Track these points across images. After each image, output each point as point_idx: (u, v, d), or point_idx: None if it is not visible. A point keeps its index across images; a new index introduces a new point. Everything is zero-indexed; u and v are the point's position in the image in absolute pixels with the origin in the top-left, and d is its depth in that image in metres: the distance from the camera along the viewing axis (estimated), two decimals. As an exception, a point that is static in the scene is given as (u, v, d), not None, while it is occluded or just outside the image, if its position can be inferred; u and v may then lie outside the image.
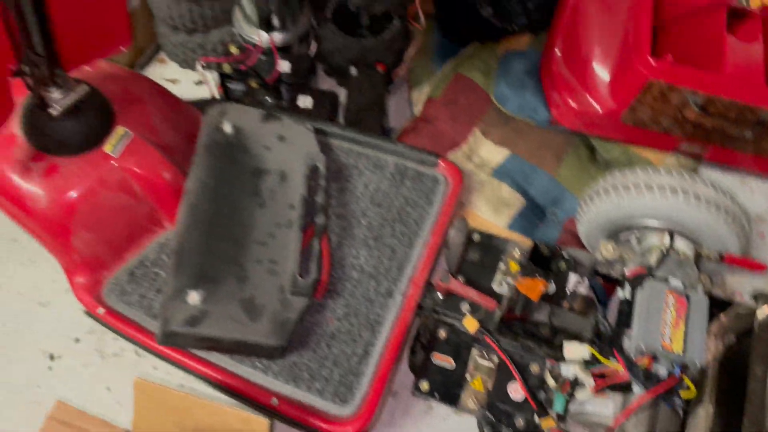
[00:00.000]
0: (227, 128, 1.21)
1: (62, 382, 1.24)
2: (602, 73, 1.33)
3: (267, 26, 1.43)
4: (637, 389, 0.95)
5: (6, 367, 1.24)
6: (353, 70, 1.51)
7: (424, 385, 1.06)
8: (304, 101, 1.46)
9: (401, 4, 1.49)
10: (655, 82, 1.22)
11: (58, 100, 1.01)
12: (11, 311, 1.30)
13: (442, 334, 1.10)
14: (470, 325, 1.07)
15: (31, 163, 1.07)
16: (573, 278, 1.09)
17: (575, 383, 1.00)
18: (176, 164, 1.18)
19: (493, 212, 1.34)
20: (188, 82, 1.63)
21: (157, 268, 1.18)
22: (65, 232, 1.10)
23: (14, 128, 1.07)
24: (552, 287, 1.07)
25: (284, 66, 1.50)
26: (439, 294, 1.13)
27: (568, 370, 0.99)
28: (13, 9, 0.83)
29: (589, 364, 0.98)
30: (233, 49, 1.51)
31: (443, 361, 1.08)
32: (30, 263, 1.36)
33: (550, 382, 1.01)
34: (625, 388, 0.98)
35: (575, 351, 0.98)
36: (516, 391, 1.04)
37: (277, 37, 1.50)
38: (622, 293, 1.04)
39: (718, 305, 1.02)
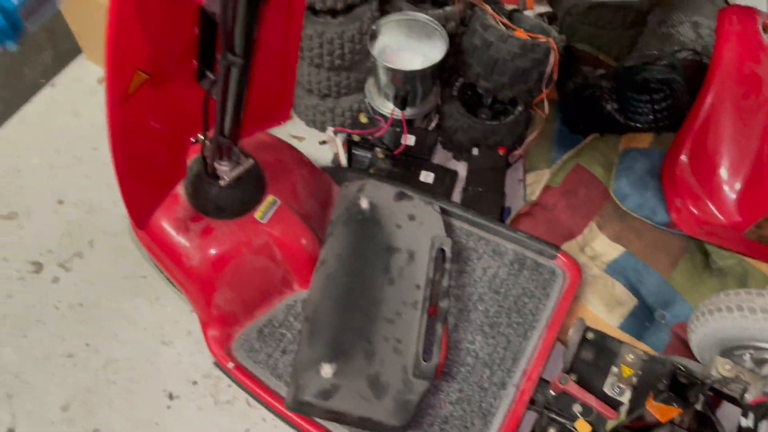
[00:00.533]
0: (364, 204, 1.28)
1: (178, 423, 1.31)
2: (730, 185, 1.34)
3: (401, 104, 1.50)
4: None
5: (130, 399, 1.32)
6: (475, 151, 1.57)
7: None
8: (426, 176, 1.53)
9: (528, 92, 1.54)
10: (786, 205, 1.23)
11: (227, 172, 1.10)
12: (138, 346, 1.39)
13: (552, 432, 1.12)
14: (583, 429, 1.09)
15: (190, 222, 1.16)
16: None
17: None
18: (313, 231, 1.26)
19: (605, 310, 1.36)
20: (313, 141, 1.73)
21: (284, 329, 1.25)
22: (210, 288, 1.18)
23: (179, 189, 1.16)
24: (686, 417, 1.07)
25: (410, 139, 1.58)
26: (551, 391, 1.15)
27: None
28: (219, 99, 0.92)
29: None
30: (363, 118, 1.60)
31: (554, 460, 1.10)
32: (156, 301, 1.45)
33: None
34: None
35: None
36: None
37: (407, 112, 1.57)
38: (745, 421, 1.04)
39: None
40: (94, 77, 1.80)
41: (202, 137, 1.05)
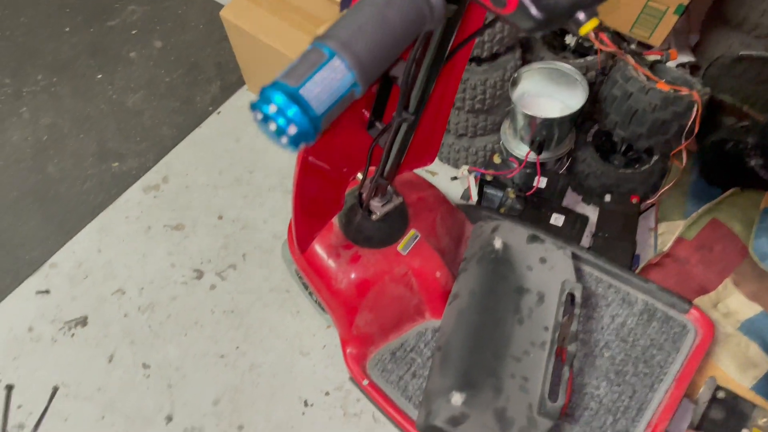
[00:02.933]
0: (497, 244, 1.35)
1: (311, 429, 1.44)
2: None
3: (537, 149, 1.57)
4: None
5: (271, 402, 1.47)
6: (608, 197, 1.59)
7: None
8: (557, 219, 1.57)
9: (666, 143, 1.55)
10: None
11: (379, 208, 1.22)
12: (279, 354, 1.54)
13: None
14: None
15: (341, 249, 1.28)
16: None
17: None
18: (447, 265, 1.34)
19: (738, 370, 1.33)
20: (446, 176, 1.82)
21: (415, 354, 1.34)
22: (353, 310, 1.30)
23: (334, 219, 1.30)
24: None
25: (542, 182, 1.63)
26: (677, 446, 1.16)
27: None
28: (386, 147, 1.03)
29: None
30: (497, 159, 1.67)
31: None
32: (297, 315, 1.60)
33: None
34: None
35: None
36: None
37: (542, 155, 1.63)
38: None
39: None
40: (254, 107, 2.01)
41: (361, 176, 1.18)
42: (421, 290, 1.33)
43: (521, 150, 1.64)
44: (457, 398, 1.15)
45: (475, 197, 1.69)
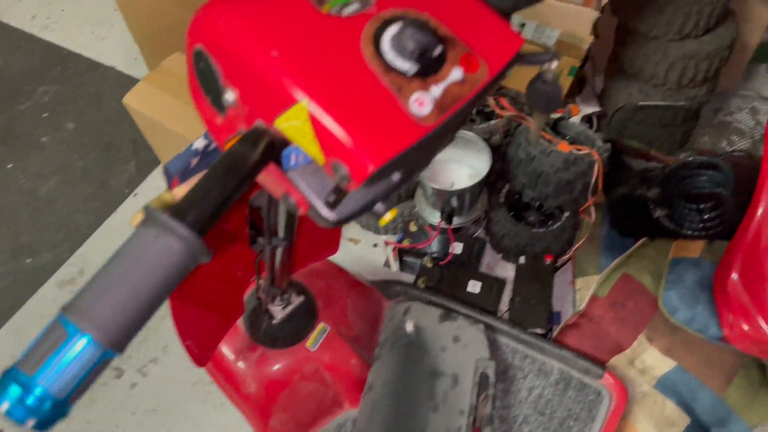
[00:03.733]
0: (409, 327, 1.34)
1: None
2: (784, 306, 1.31)
3: (447, 218, 1.57)
4: None
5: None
6: (522, 259, 1.61)
7: None
8: (474, 286, 1.58)
9: (574, 201, 1.57)
10: None
11: (279, 311, 1.20)
12: (205, 452, 1.50)
13: None
14: None
15: (248, 353, 1.26)
16: None
17: None
18: (361, 352, 1.33)
19: (655, 430, 1.35)
20: (368, 243, 1.82)
21: (335, 448, 1.32)
22: (266, 413, 1.27)
23: (240, 321, 1.27)
24: None
25: (458, 248, 1.63)
26: None
27: None
28: (267, 263, 1.02)
29: None
30: (413, 227, 1.67)
31: None
32: (221, 407, 1.56)
33: None
34: None
35: None
36: None
37: (454, 221, 1.64)
38: None
39: None
40: (171, 186, 1.98)
41: (260, 283, 1.16)
42: (336, 383, 1.31)
43: (435, 217, 1.64)
44: (371, 500, 1.13)
45: (394, 266, 1.68)
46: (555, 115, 1.66)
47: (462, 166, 1.64)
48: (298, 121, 0.45)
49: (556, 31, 1.42)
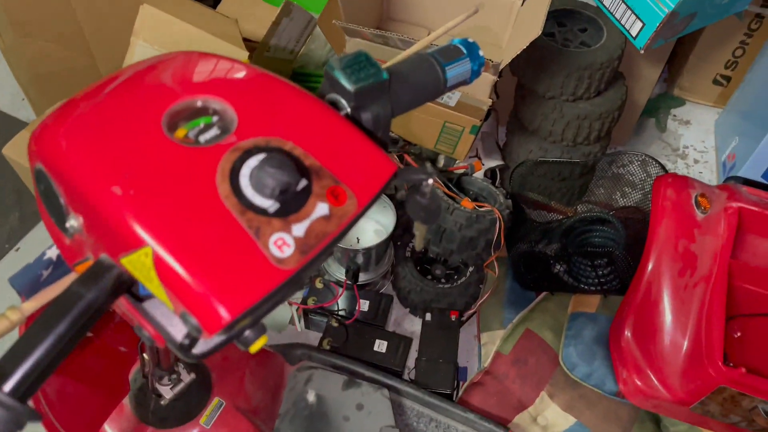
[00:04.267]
0: (311, 398, 1.29)
1: None
2: (672, 363, 1.36)
3: (353, 277, 1.54)
4: None
5: None
6: (428, 316, 1.60)
7: None
8: (380, 345, 1.55)
9: (477, 256, 1.58)
10: (726, 388, 1.25)
11: (168, 391, 1.12)
12: None
13: None
14: None
15: (135, 434, 1.16)
16: None
17: None
18: (261, 424, 1.26)
19: (557, 490, 1.36)
20: (272, 300, 1.75)
21: None
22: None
23: (126, 400, 1.18)
24: None
25: (364, 305, 1.61)
26: None
27: None
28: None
29: None
30: (318, 284, 1.63)
31: None
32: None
33: None
34: None
35: None
36: None
37: (361, 277, 1.61)
38: None
39: None
40: (59, 239, 1.84)
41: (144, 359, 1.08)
42: (233, 460, 1.24)
43: (341, 274, 1.61)
44: None
45: (299, 326, 1.63)
46: (459, 171, 1.69)
47: (368, 222, 1.63)
48: (143, 266, 0.40)
49: (456, 93, 1.44)
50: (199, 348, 0.48)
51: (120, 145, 0.43)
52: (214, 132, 0.45)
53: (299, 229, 0.43)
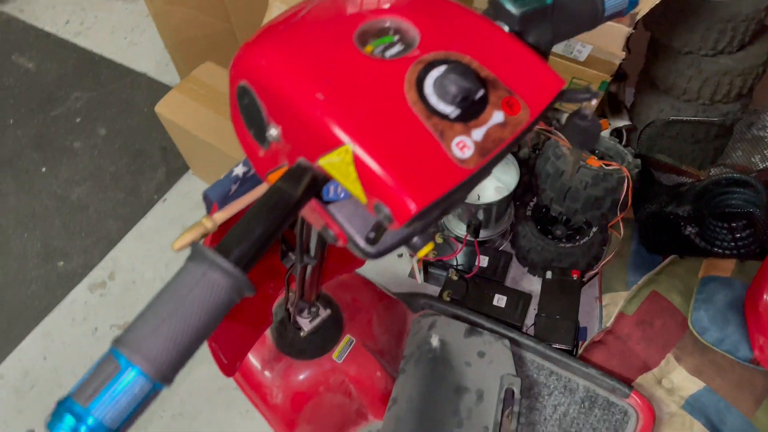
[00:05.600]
0: (434, 342, 1.35)
1: None
2: (818, 330, 1.28)
3: (474, 232, 1.57)
4: None
5: None
6: (548, 274, 1.60)
7: None
8: (499, 300, 1.57)
9: (602, 217, 1.55)
10: None
11: (306, 324, 1.21)
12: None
13: None
14: None
15: (275, 363, 1.27)
16: None
17: None
18: (386, 365, 1.34)
19: (682, 453, 1.33)
20: (393, 254, 1.82)
21: (359, 460, 1.33)
22: (292, 424, 1.28)
23: (267, 332, 1.29)
24: None
25: (483, 261, 1.63)
26: None
27: None
28: (298, 278, 1.03)
29: None
30: (438, 238, 1.67)
31: None
32: (246, 414, 1.58)
33: None
34: None
35: None
36: None
37: (481, 234, 1.63)
38: None
39: None
40: (200, 193, 2.00)
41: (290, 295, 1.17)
42: (360, 395, 1.32)
43: (461, 229, 1.64)
44: None
45: (419, 278, 1.69)
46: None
47: (490, 179, 1.64)
48: (342, 163, 0.45)
49: (588, 46, 1.41)
50: (376, 247, 0.53)
51: (320, 59, 0.48)
52: (398, 48, 0.50)
53: (478, 133, 0.47)
